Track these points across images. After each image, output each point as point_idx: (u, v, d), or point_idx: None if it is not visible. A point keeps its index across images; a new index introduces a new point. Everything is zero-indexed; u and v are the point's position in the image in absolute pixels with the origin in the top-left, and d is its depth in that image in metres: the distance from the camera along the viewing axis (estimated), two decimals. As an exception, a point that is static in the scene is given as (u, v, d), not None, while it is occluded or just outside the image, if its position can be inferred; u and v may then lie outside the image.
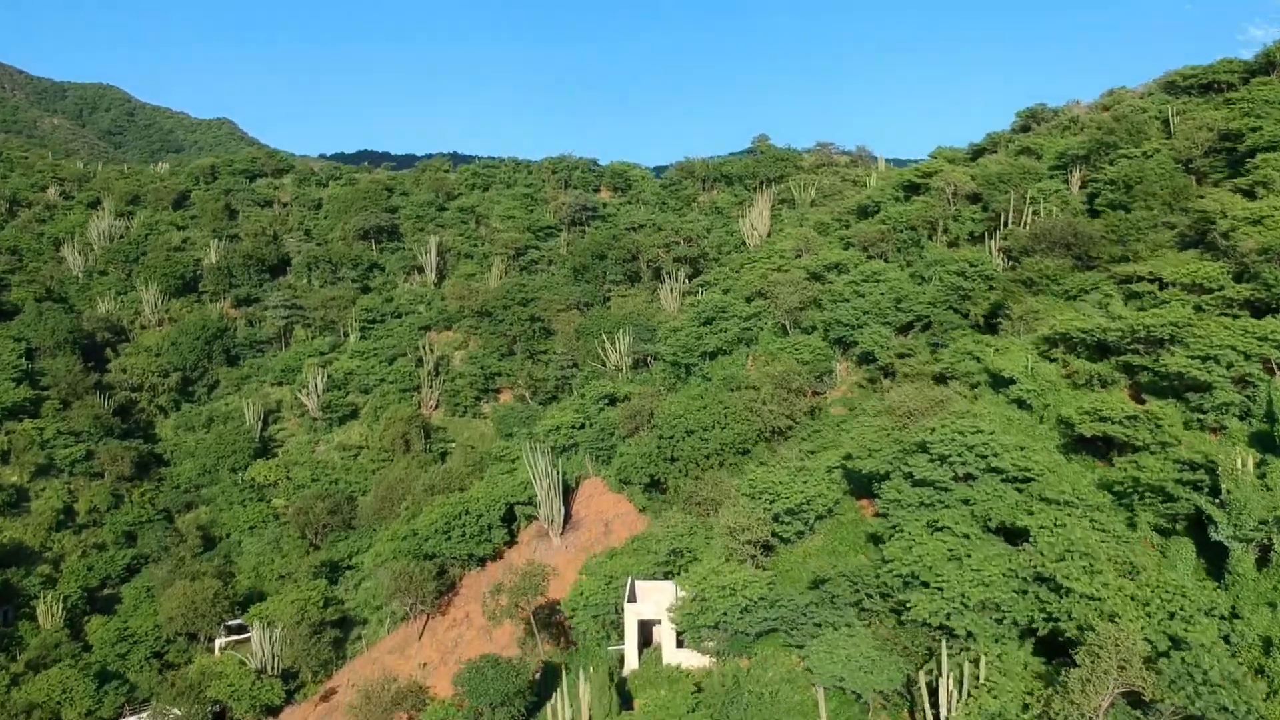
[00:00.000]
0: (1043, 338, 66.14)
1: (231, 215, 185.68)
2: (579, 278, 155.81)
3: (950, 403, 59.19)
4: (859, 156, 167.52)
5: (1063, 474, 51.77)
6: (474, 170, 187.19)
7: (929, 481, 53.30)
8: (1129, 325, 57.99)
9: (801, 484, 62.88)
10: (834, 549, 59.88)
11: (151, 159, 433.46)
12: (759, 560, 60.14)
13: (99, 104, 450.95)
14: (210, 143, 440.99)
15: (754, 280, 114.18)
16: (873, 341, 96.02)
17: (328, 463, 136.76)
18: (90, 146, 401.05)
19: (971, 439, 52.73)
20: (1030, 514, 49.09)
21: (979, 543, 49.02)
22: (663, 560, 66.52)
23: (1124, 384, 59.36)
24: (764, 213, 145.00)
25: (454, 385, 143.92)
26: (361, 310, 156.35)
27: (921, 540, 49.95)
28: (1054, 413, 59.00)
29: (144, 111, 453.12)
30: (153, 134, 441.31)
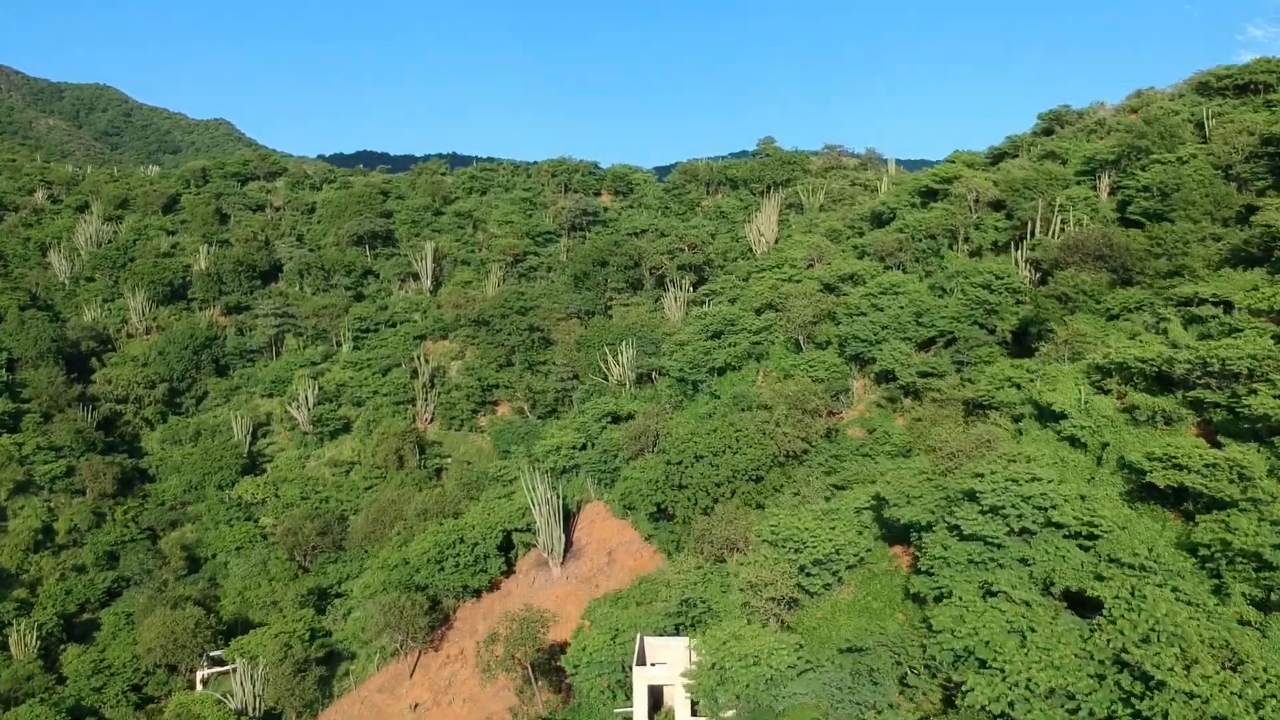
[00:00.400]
0: (1094, 366, 59.13)
1: (222, 220, 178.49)
2: (579, 285, 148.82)
3: (997, 442, 52.27)
4: (868, 159, 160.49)
5: (1134, 531, 44.88)
6: (471, 173, 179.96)
7: (979, 536, 46.44)
8: (1199, 356, 51.05)
9: (829, 530, 55.96)
10: (867, 605, 53.00)
11: (149, 160, 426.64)
12: (782, 617, 53.32)
13: (96, 104, 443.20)
14: (207, 143, 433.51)
15: (764, 291, 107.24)
16: (893, 359, 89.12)
17: (318, 479, 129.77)
18: (86, 148, 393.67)
19: (1027, 488, 45.88)
20: (1101, 580, 42.24)
21: (1042, 612, 42.15)
22: (674, 611, 59.63)
23: (1191, 422, 52.48)
24: (771, 218, 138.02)
25: (450, 398, 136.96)
26: (354, 319, 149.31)
27: (975, 607, 43.08)
28: (1114, 454, 52.07)
29: (141, 112, 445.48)
30: (150, 135, 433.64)
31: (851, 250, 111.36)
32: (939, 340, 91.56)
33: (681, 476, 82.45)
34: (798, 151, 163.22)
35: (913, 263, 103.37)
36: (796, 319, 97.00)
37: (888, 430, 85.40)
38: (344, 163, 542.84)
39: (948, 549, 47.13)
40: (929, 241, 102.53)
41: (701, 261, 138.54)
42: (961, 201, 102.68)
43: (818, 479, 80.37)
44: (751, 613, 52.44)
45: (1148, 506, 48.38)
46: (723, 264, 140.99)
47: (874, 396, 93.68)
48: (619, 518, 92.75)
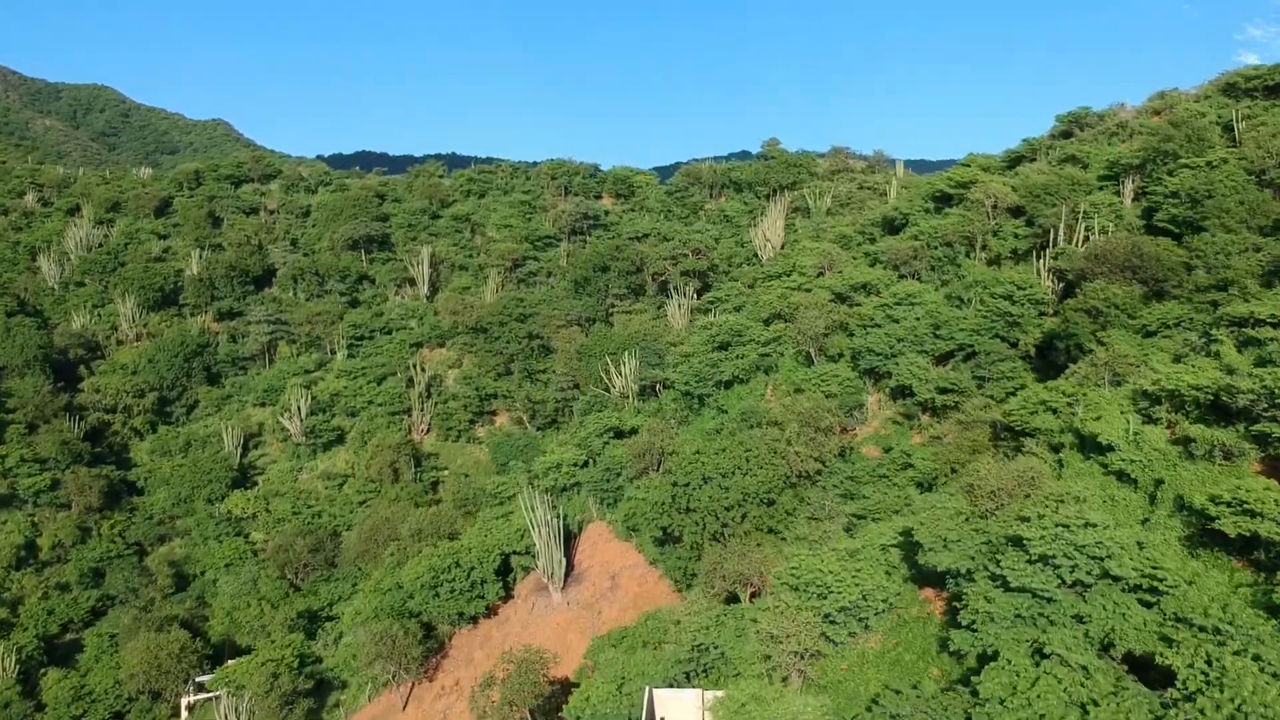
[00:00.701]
0: (1140, 392, 54.02)
1: (215, 223, 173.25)
2: (580, 291, 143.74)
3: (1041, 479, 47.23)
4: (876, 162, 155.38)
5: (1202, 586, 39.91)
6: (469, 176, 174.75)
7: (1028, 589, 41.44)
8: (1265, 386, 46.02)
9: (854, 573, 50.91)
10: (898, 658, 47.99)
11: (146, 160, 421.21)
12: (805, 671, 48.31)
13: (93, 105, 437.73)
14: (205, 144, 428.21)
15: (772, 300, 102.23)
16: (910, 374, 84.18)
17: (311, 492, 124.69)
18: (83, 148, 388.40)
19: (1080, 535, 40.88)
20: (1169, 643, 37.27)
21: (1103, 680, 37.17)
22: (685, 658, 54.60)
23: (1254, 457, 47.44)
24: (778, 222, 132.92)
25: (446, 408, 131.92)
26: (349, 326, 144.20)
27: (1027, 674, 38.10)
28: (1169, 493, 47.03)
29: (139, 113, 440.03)
30: (147, 135, 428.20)
31: (863, 257, 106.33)
32: (958, 354, 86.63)
33: (689, 499, 77.44)
34: (804, 154, 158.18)
35: (928, 271, 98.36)
36: (808, 331, 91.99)
37: (905, 450, 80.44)
38: (343, 163, 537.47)
39: (992, 602, 42.11)
40: (945, 249, 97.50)
41: (706, 267, 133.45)
42: (979, 207, 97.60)
43: (834, 503, 75.40)
44: (771, 667, 47.46)
45: (1212, 555, 43.37)
46: (727, 270, 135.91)
47: (889, 412, 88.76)
48: (622, 539, 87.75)
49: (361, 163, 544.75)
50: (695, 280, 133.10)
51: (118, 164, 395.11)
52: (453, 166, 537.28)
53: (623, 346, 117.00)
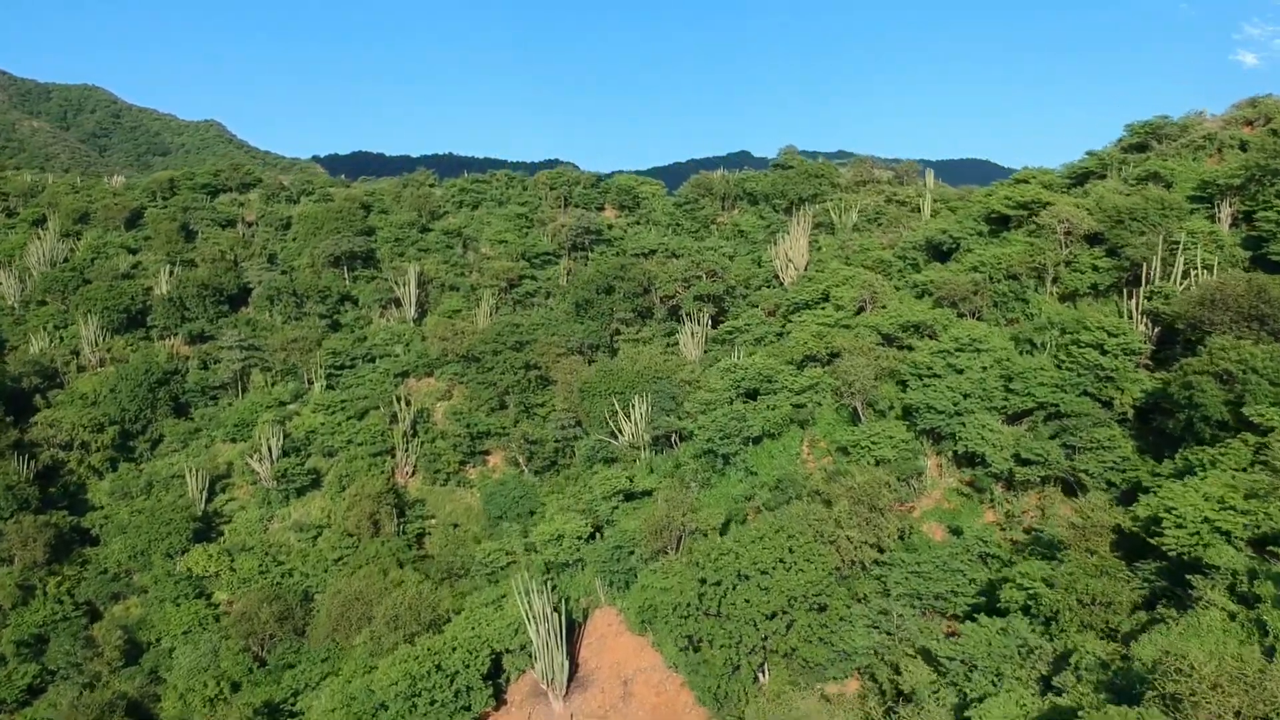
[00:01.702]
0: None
1: (188, 237, 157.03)
2: (581, 314, 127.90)
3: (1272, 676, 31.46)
4: (904, 171, 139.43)
5: None
6: (461, 185, 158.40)
7: None
8: None
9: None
10: None
11: (137, 162, 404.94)
12: None
13: (84, 106, 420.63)
14: (197, 145, 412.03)
15: (806, 339, 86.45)
16: (981, 438, 68.49)
17: (281, 546, 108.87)
18: (72, 150, 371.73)
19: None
20: None
21: None
22: None
23: None
24: (801, 241, 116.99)
25: (434, 448, 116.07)
26: (328, 354, 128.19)
27: None
28: None
29: (130, 113, 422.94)
30: (139, 136, 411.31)
31: (908, 288, 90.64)
32: (1037, 412, 71.01)
33: (720, 603, 61.73)
34: (825, 162, 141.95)
35: (990, 308, 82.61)
36: (853, 381, 76.19)
37: (983, 539, 64.84)
38: (338, 164, 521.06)
39: None
40: (1011, 283, 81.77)
41: (722, 291, 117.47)
42: (1049, 234, 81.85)
43: (902, 611, 59.73)
44: None
45: None
46: (745, 293, 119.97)
47: (952, 480, 73.10)
48: (636, 633, 72.01)
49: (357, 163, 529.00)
50: (710, 305, 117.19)
51: (106, 166, 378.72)
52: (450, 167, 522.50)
53: (631, 385, 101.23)
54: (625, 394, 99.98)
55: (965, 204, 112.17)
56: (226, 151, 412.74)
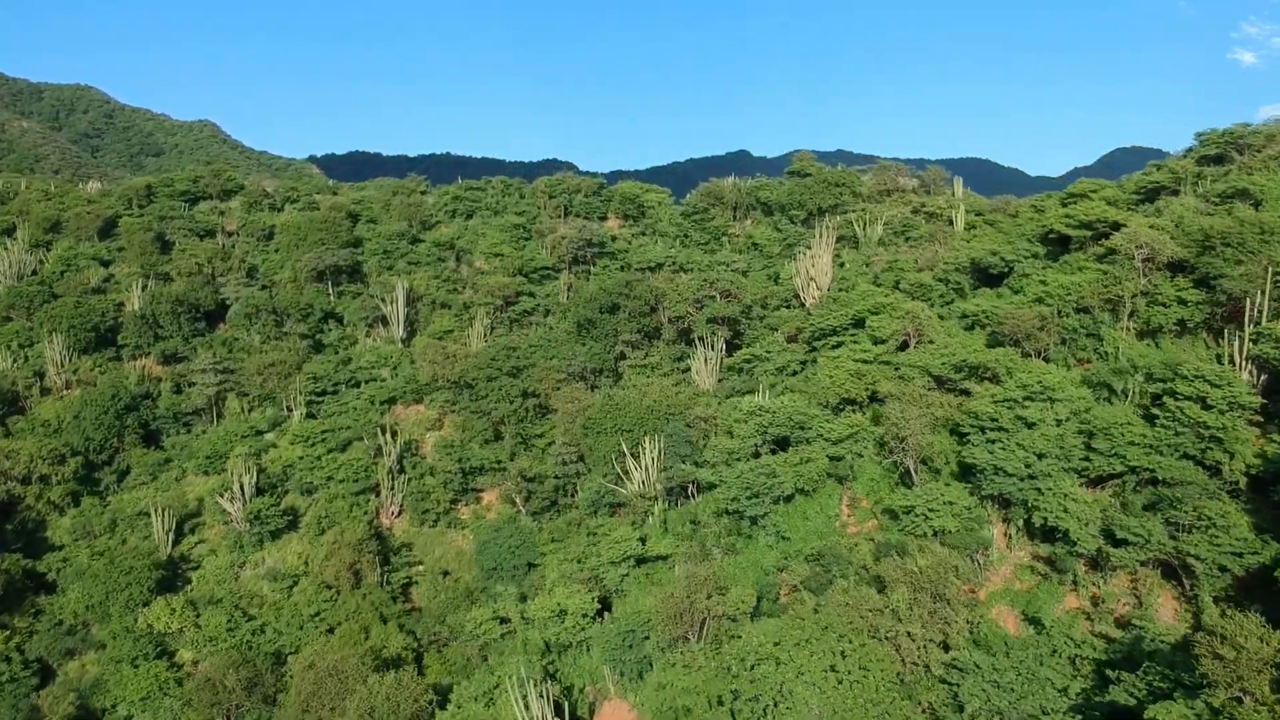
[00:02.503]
0: None
1: (164, 248, 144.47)
2: (584, 334, 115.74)
3: None
4: (931, 178, 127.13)
5: None
6: (454, 193, 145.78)
7: None
8: None
9: None
10: None
11: (130, 163, 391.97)
12: None
13: (76, 106, 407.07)
14: (191, 146, 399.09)
15: (842, 379, 74.31)
16: (1063, 509, 56.51)
17: (253, 597, 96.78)
18: (62, 151, 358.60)
19: None
20: None
21: None
22: None
23: None
24: (824, 258, 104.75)
25: (423, 485, 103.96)
26: (308, 378, 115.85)
27: None
28: None
29: (123, 114, 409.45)
30: (131, 137, 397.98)
31: (955, 319, 78.56)
32: (1127, 478, 59.02)
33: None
34: (846, 169, 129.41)
35: (1056, 345, 70.54)
36: (906, 436, 64.13)
37: (1070, 635, 52.92)
38: (335, 164, 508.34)
39: None
40: (1082, 318, 69.71)
41: (738, 312, 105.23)
42: (1125, 260, 69.76)
43: None
44: None
45: None
46: (762, 314, 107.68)
47: (1023, 554, 61.15)
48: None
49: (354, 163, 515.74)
50: (725, 328, 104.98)
51: (98, 168, 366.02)
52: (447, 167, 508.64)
53: (640, 421, 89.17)
54: (633, 432, 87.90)
55: (1003, 216, 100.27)
56: (220, 152, 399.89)
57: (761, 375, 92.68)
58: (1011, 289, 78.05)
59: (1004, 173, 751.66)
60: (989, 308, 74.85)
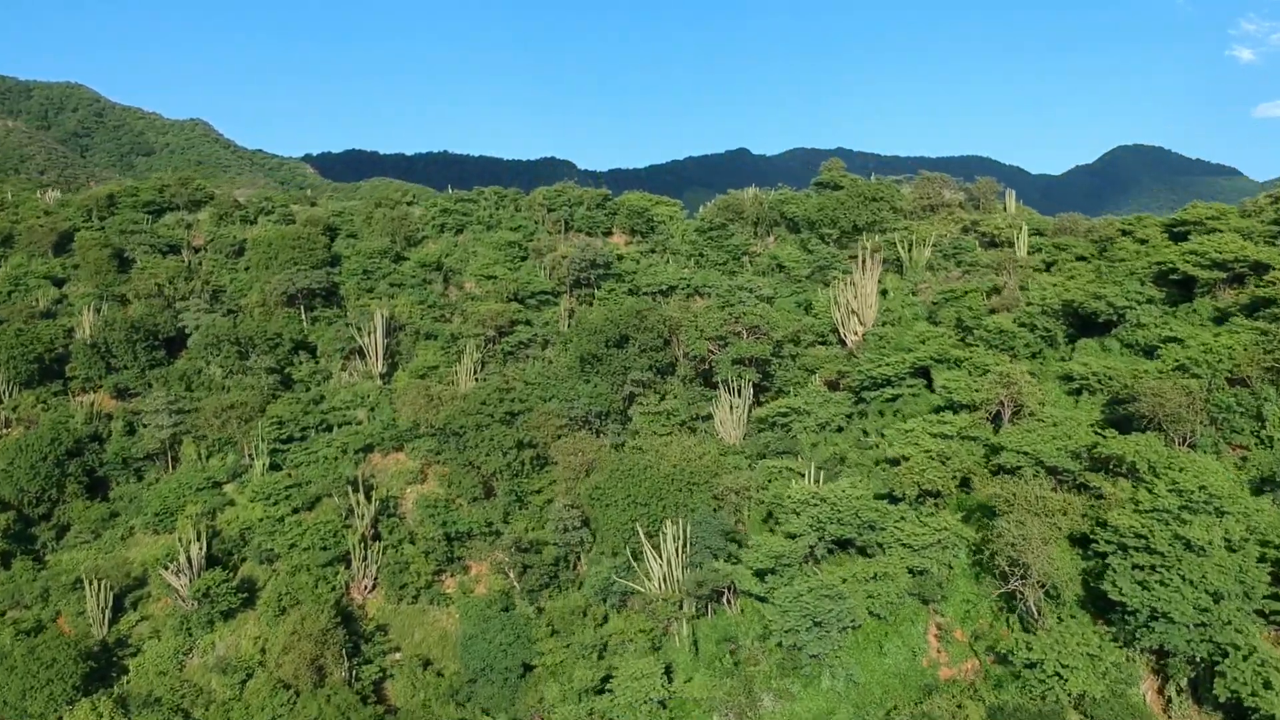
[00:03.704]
0: None
1: (123, 265, 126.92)
2: (588, 371, 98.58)
3: None
4: (982, 193, 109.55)
5: None
6: (443, 205, 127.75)
7: None
8: None
9: None
10: None
11: (120, 163, 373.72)
12: None
13: (65, 104, 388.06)
14: (183, 145, 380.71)
15: (919, 463, 57.14)
16: (1261, 681, 39.48)
17: (199, 692, 79.62)
18: (48, 151, 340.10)
19: None
20: None
21: None
22: None
23: None
24: (869, 288, 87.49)
25: (401, 555, 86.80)
26: (273, 423, 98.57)
27: None
28: None
29: (113, 112, 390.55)
30: (122, 136, 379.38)
31: (1056, 383, 61.38)
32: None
33: None
34: (880, 180, 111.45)
35: (1202, 425, 53.37)
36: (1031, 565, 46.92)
37: None
38: (331, 162, 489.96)
39: None
40: (1239, 393, 52.58)
41: (769, 352, 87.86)
42: None
43: None
44: None
45: None
46: (795, 352, 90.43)
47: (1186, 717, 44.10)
48: None
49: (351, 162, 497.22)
50: (754, 370, 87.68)
51: (86, 168, 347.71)
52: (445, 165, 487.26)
53: (657, 493, 72.06)
54: (650, 506, 70.80)
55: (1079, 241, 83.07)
56: (212, 152, 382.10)
57: (801, 432, 75.53)
58: (1122, 342, 60.98)
59: (1005, 170, 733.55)
60: (1101, 369, 57.68)
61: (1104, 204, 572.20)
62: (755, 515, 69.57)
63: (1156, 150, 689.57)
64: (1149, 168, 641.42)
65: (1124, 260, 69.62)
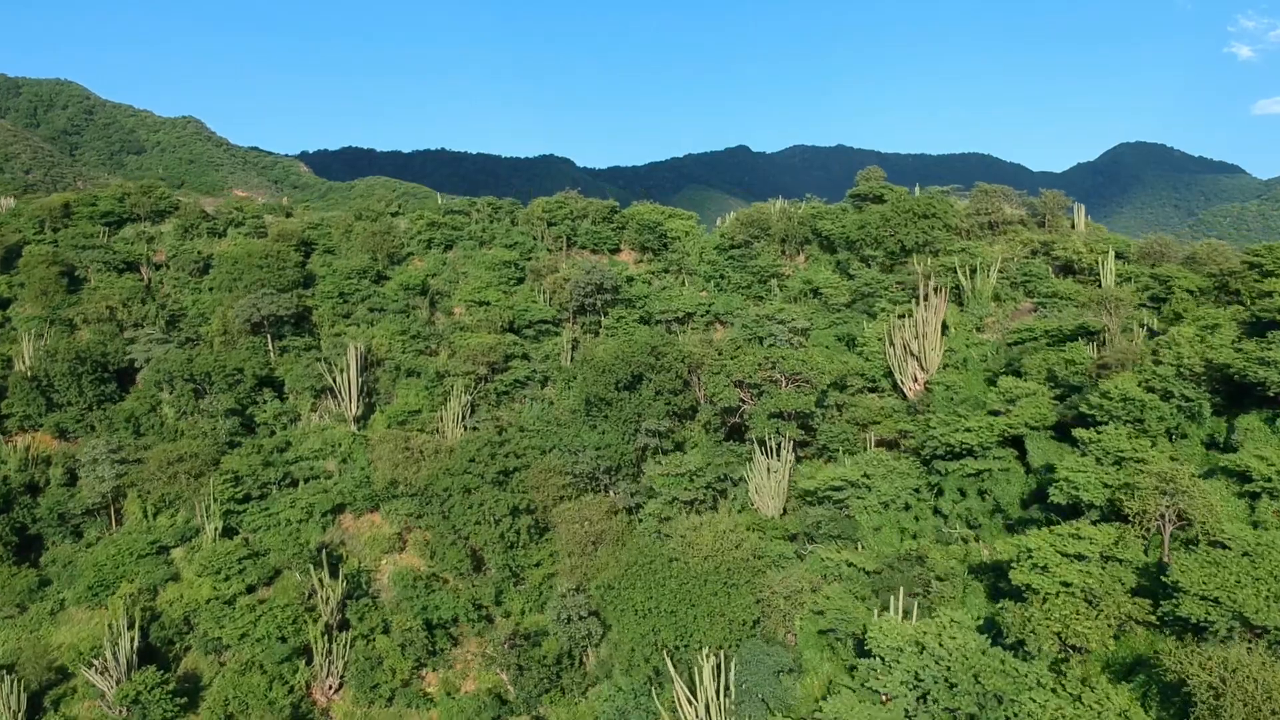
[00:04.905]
0: None
1: (74, 285, 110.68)
2: (594, 416, 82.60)
3: None
4: (1046, 207, 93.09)
5: None
6: (430, 219, 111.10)
7: None
8: None
9: None
10: None
11: (109, 161, 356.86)
12: None
13: (55, 101, 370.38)
14: (174, 143, 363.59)
15: (1058, 606, 41.01)
16: None
17: (125, 828, 63.93)
18: (34, 150, 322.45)
19: None
20: None
21: None
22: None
23: None
24: (932, 327, 71.39)
25: (374, 647, 70.88)
26: (227, 479, 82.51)
27: None
28: None
29: (104, 109, 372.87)
30: (112, 134, 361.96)
31: (1225, 485, 45.30)
32: None
33: None
34: (930, 192, 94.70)
35: None
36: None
37: None
38: (328, 160, 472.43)
39: None
40: None
41: (813, 403, 71.66)
42: None
43: None
44: None
45: None
46: (840, 400, 74.34)
47: None
48: None
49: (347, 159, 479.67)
50: (794, 425, 71.52)
51: (73, 167, 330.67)
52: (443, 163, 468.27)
53: (687, 599, 56.13)
54: (678, 614, 54.83)
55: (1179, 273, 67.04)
56: (204, 150, 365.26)
57: (860, 511, 59.56)
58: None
59: (1006, 168, 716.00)
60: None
61: (1107, 202, 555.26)
62: (808, 626, 53.69)
63: (1159, 147, 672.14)
64: (1152, 165, 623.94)
65: (1267, 300, 53.69)
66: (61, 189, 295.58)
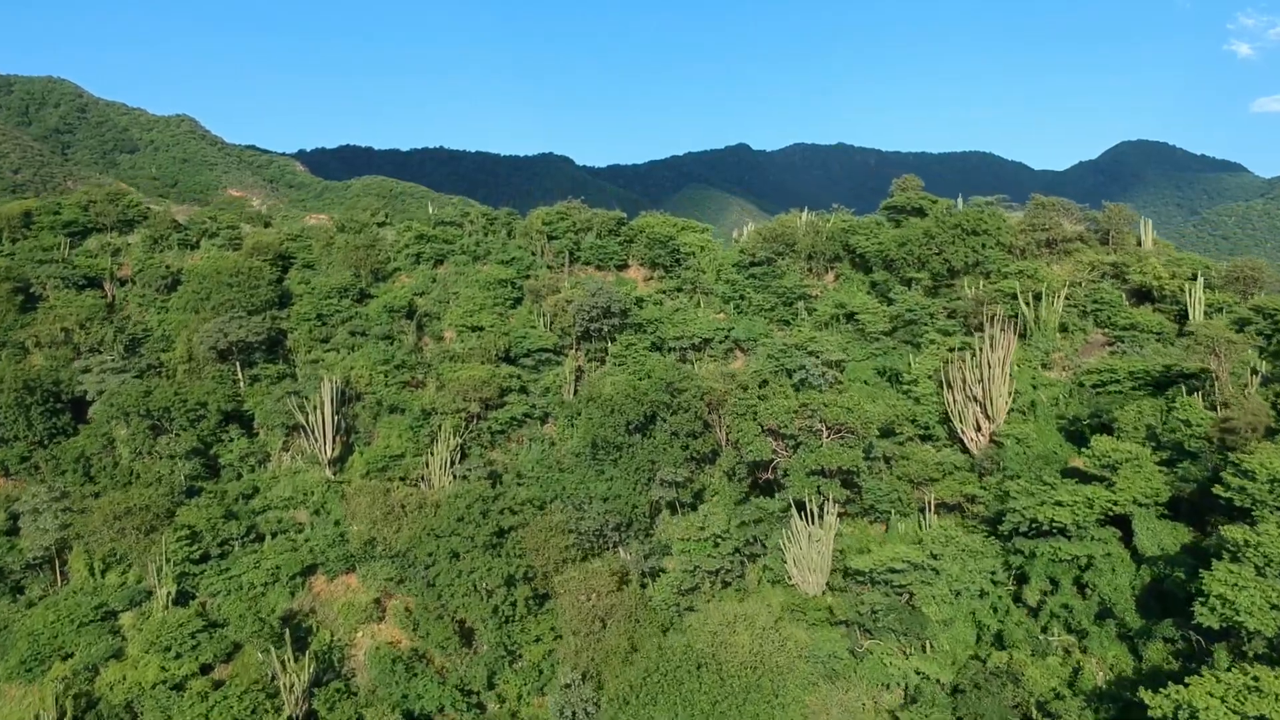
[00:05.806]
0: None
1: (29, 304, 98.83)
2: (600, 460, 71.09)
3: None
4: (1108, 223, 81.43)
5: None
6: (419, 232, 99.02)
7: None
8: None
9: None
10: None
11: (102, 160, 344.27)
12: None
13: (47, 99, 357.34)
14: (167, 142, 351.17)
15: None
16: None
17: None
18: (24, 149, 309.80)
19: None
20: None
21: None
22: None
23: None
24: (1000, 372, 59.74)
25: (344, 746, 59.38)
26: (183, 536, 70.95)
27: None
28: None
29: (97, 108, 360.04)
30: (105, 133, 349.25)
31: None
32: None
33: None
34: (980, 204, 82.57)
35: None
36: None
37: None
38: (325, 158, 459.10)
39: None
40: None
41: (860, 457, 60.04)
42: None
43: None
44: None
45: None
46: (888, 451, 62.71)
47: None
48: None
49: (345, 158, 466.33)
50: (837, 484, 59.95)
51: (64, 167, 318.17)
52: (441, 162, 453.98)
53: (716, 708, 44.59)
54: None
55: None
56: (198, 149, 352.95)
57: (927, 601, 48.02)
58: None
59: (1007, 166, 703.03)
60: None
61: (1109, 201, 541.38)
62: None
63: (1160, 146, 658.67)
64: (1153, 164, 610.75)
65: None
66: (52, 189, 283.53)
